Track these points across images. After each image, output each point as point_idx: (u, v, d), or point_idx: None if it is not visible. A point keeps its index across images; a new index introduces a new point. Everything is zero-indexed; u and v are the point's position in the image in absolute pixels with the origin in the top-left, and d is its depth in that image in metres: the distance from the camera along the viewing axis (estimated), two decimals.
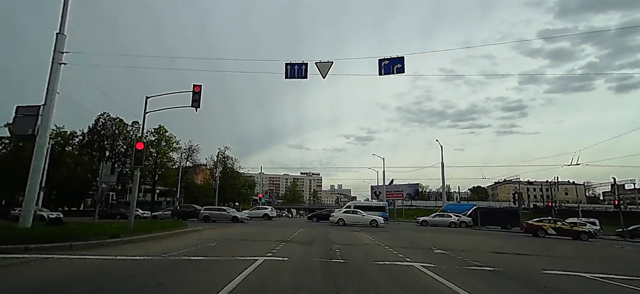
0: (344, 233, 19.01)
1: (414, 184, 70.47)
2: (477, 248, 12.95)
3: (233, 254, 8.48)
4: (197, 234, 14.51)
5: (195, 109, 13.56)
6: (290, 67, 12.52)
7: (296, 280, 5.81)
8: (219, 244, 10.97)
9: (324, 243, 12.51)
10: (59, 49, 13.03)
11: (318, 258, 8.33)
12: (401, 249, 11.12)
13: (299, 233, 17.71)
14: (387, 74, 12.05)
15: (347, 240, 13.95)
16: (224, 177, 65.99)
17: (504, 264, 8.81)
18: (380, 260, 8.31)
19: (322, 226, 25.00)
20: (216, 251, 9.28)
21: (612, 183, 77.94)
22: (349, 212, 28.61)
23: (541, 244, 17.86)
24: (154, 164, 53.40)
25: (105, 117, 53.98)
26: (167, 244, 10.68)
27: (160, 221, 17.17)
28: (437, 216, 34.73)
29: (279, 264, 7.41)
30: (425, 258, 9.24)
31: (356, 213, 27.85)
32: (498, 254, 11.07)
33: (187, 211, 31.25)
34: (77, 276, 5.85)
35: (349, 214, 27.68)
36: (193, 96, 13.52)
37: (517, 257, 10.85)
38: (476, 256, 10.01)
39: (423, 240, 15.70)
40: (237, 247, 10.65)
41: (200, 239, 12.37)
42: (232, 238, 13.50)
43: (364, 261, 8.19)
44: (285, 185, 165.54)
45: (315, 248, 10.90)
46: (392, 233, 20.28)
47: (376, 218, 26.71)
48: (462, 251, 11.17)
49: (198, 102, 13.53)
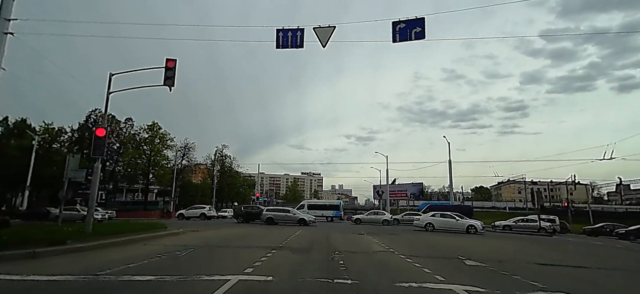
0: (347, 235, 16.67)
1: (418, 183, 67.97)
2: (508, 257, 10.56)
3: (198, 271, 6.13)
4: (172, 239, 12.20)
5: (169, 88, 11.24)
6: (282, 34, 10.18)
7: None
8: (189, 254, 8.63)
9: (325, 250, 10.16)
10: (5, 16, 10.76)
11: (315, 277, 5.97)
12: (421, 259, 8.76)
13: (296, 236, 15.38)
14: (403, 41, 9.69)
15: (353, 246, 11.60)
16: (222, 176, 63.75)
17: (581, 287, 6.47)
18: (404, 280, 5.93)
19: (323, 228, 22.62)
20: (178, 266, 6.95)
21: (618, 183, 75.79)
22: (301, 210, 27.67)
23: (572, 248, 15.50)
24: (148, 163, 51.09)
25: (97, 114, 51.75)
26: (123, 253, 8.36)
27: (135, 223, 14.77)
28: (371, 214, 34.03)
29: (256, 290, 5.08)
30: (462, 274, 6.88)
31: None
32: (551, 268, 8.66)
33: (252, 212, 28.79)
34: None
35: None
36: (166, 72, 11.16)
37: (580, 271, 8.47)
38: (527, 271, 7.62)
39: (441, 247, 13.34)
40: (211, 258, 8.30)
41: (171, 246, 10.04)
42: (213, 244, 11.17)
43: (382, 283, 5.84)
44: (286, 185, 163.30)
45: (313, 257, 8.55)
46: (401, 236, 17.90)
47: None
48: (498, 262, 8.79)
49: (172, 80, 11.19)
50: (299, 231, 18.55)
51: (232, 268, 6.62)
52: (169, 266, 6.93)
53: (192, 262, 7.49)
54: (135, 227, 13.06)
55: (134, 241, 10.85)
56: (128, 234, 11.59)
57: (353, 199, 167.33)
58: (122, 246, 9.84)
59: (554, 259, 10.41)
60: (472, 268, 7.76)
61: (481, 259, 9.24)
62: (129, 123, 53.65)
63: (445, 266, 7.85)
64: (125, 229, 12.07)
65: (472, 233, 21.75)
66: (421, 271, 6.92)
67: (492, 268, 7.83)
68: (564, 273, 8.02)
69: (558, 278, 7.16)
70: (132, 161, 50.95)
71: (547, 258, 10.60)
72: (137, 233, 11.94)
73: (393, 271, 7.12)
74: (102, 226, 12.11)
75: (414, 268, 7.43)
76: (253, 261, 7.36)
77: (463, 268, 7.76)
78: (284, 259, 8.17)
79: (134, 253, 8.41)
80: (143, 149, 51.41)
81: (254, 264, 6.93)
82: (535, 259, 10.09)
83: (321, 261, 8.02)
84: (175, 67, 11.16)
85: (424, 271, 6.97)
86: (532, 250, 13.52)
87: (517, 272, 7.26)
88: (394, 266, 7.72)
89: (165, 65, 11.15)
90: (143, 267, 6.57)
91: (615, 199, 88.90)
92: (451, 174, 41.60)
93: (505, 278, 6.65)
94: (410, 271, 7.09)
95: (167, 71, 11.16)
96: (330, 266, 7.15)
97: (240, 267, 6.58)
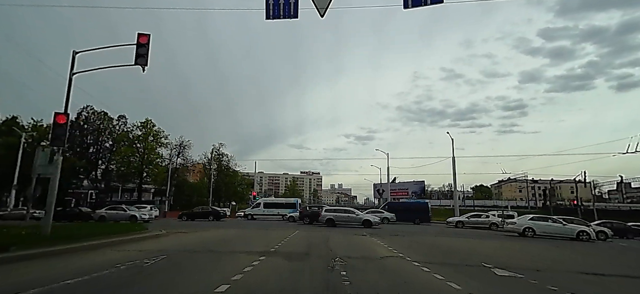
0: (349, 237, 15.12)
1: (420, 181, 66.37)
2: (543, 264, 9.04)
3: (156, 291, 4.59)
4: (149, 243, 10.63)
5: (142, 68, 9.67)
6: (273, 3, 8.62)
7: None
8: (159, 262, 7.08)
9: (324, 255, 8.62)
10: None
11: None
12: (440, 267, 7.23)
13: (292, 237, 13.86)
14: (415, 7, 8.14)
15: (356, 250, 10.07)
16: (220, 175, 62.12)
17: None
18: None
19: (320, 228, 21.05)
20: (134, 282, 5.41)
21: (619, 181, 74.39)
22: None
23: (589, 251, 14.01)
24: (141, 161, 49.45)
25: (89, 111, 50.17)
26: (76, 263, 6.84)
27: (109, 224, 13.17)
28: (341, 211, 32.62)
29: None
30: (500, 291, 5.34)
31: None
32: (601, 279, 7.15)
33: (318, 212, 27.07)
34: None
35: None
36: (138, 49, 9.56)
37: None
38: (576, 284, 6.10)
39: (456, 250, 11.84)
40: (183, 269, 6.74)
41: (143, 252, 8.48)
42: (194, 249, 9.60)
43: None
44: (285, 184, 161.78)
45: (309, 267, 7.02)
46: (407, 238, 16.38)
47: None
48: (536, 271, 7.26)
49: (145, 59, 9.60)
50: (294, 232, 16.99)
51: (203, 284, 5.10)
52: (124, 282, 5.38)
53: (156, 275, 5.94)
54: (107, 229, 11.49)
55: (100, 246, 9.30)
56: (96, 238, 10.04)
57: (353, 198, 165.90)
58: (82, 253, 8.28)
59: (594, 267, 8.90)
60: (508, 281, 6.23)
61: (510, 266, 7.70)
62: (123, 120, 52.11)
63: (473, 279, 6.31)
64: (94, 231, 10.49)
65: None
66: (447, 287, 5.38)
67: (533, 280, 6.29)
68: (624, 288, 6.51)
69: None
70: (125, 160, 49.28)
71: (587, 266, 9.10)
72: (108, 236, 10.38)
73: (411, 286, 5.59)
74: (65, 228, 10.56)
75: (436, 280, 5.90)
76: (234, 273, 5.82)
77: (495, 281, 6.23)
78: (272, 270, 6.63)
79: (90, 262, 6.87)
80: (136, 146, 49.79)
81: (232, 279, 5.39)
82: (574, 266, 8.58)
83: (319, 271, 6.49)
84: (149, 43, 9.58)
85: (450, 286, 5.43)
86: (564, 256, 11.98)
87: (567, 287, 5.73)
88: (408, 278, 6.18)
89: (136, 42, 9.58)
90: (88, 284, 5.04)
91: (616, 198, 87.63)
92: (455, 170, 40.10)
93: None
94: (432, 285, 5.56)
95: (139, 48, 9.56)
96: (329, 280, 5.61)
97: (213, 283, 5.04)
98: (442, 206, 74.37)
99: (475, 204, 72.43)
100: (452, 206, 69.93)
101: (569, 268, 8.35)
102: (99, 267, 6.28)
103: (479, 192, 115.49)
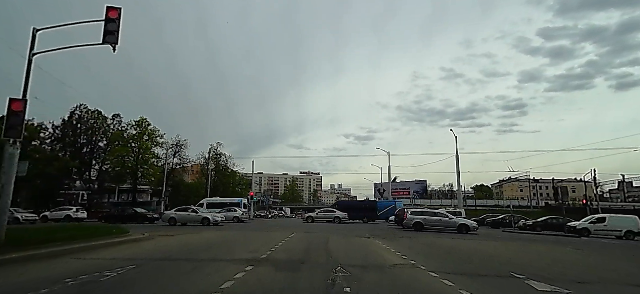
0: (350, 239, 13.90)
1: (422, 180, 65.06)
2: (582, 274, 7.79)
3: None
4: (123, 249, 9.36)
5: (112, 48, 8.39)
6: None
7: None
8: (123, 275, 5.80)
9: (322, 263, 7.36)
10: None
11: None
12: (462, 279, 5.98)
13: (289, 240, 12.60)
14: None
15: (359, 256, 8.83)
16: (217, 175, 60.82)
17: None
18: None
19: (320, 229, 19.78)
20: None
21: (620, 180, 73.23)
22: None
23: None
24: (136, 160, 48.11)
25: (82, 109, 48.77)
26: (19, 276, 5.57)
27: (88, 227, 11.86)
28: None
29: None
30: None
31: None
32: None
33: None
34: None
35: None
36: (106, 25, 8.26)
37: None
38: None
39: (475, 255, 10.58)
40: (147, 285, 5.46)
41: (110, 261, 7.22)
42: (172, 256, 8.33)
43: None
44: (285, 184, 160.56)
45: (305, 279, 5.75)
46: (412, 240, 15.14)
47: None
48: (577, 284, 6.01)
49: (115, 37, 8.31)
50: (292, 234, 15.73)
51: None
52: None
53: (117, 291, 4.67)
54: (75, 233, 10.19)
55: (66, 253, 8.03)
56: (65, 243, 8.78)
57: (352, 198, 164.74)
58: (37, 263, 7.01)
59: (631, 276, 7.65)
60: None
61: (546, 278, 6.43)
62: (117, 119, 50.77)
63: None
64: (60, 235, 9.20)
65: None
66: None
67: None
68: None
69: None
70: (120, 160, 47.93)
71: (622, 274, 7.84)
72: (76, 240, 9.12)
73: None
74: (26, 232, 9.29)
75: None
76: (210, 291, 4.56)
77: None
78: (259, 285, 5.36)
79: (35, 276, 5.61)
80: (131, 146, 48.46)
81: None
82: (622, 277, 7.31)
83: (316, 285, 5.22)
84: (120, 18, 8.29)
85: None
86: (603, 262, 10.74)
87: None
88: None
89: (105, 16, 8.29)
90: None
91: (617, 197, 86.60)
92: (459, 168, 38.84)
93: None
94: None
95: (107, 24, 8.25)
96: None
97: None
98: (443, 205, 73.29)
99: (477, 204, 71.24)
100: (453, 206, 68.99)
101: (615, 278, 7.08)
102: (50, 281, 5.01)
103: (479, 192, 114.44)
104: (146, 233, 13.08)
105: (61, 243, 8.75)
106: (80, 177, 47.86)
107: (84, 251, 8.55)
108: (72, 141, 47.48)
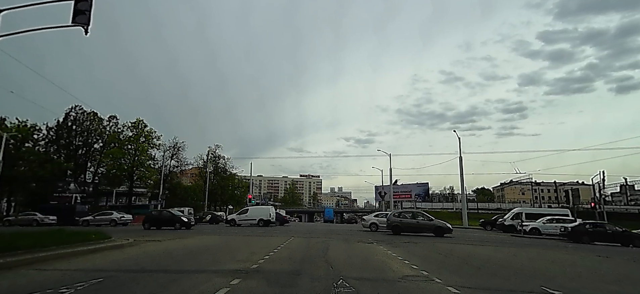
0: (353, 245, 12.87)
1: (424, 183, 63.90)
2: (608, 283, 6.76)
3: None
4: (96, 258, 8.32)
5: (83, 30, 7.42)
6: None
7: None
8: (86, 288, 4.78)
9: (321, 277, 6.31)
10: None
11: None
12: (479, 291, 4.94)
13: (284, 246, 11.56)
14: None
15: (363, 266, 7.80)
16: (216, 178, 59.74)
17: None
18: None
19: (319, 234, 18.70)
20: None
21: (622, 184, 71.96)
22: None
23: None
24: (132, 163, 47.06)
25: (77, 111, 47.79)
26: None
27: (68, 233, 10.77)
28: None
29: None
30: None
31: None
32: None
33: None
34: None
35: None
36: (76, 4, 7.26)
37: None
38: None
39: (492, 265, 9.55)
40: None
41: (74, 273, 6.20)
42: (145, 267, 7.29)
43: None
44: (284, 188, 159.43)
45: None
46: (418, 246, 14.10)
47: None
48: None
49: (86, 17, 7.34)
50: (289, 239, 14.69)
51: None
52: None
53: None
54: (62, 238, 9.19)
55: (27, 263, 6.99)
56: (34, 251, 7.75)
57: (353, 201, 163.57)
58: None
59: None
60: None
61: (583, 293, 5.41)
62: (113, 121, 49.83)
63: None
64: (23, 243, 8.16)
65: None
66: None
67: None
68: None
69: None
70: (116, 162, 46.89)
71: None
72: (46, 248, 8.07)
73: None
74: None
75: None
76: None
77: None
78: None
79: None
80: (127, 148, 47.43)
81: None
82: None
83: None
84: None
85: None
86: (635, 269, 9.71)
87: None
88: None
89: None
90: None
91: (619, 200, 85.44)
92: (462, 170, 37.75)
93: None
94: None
95: (77, 2, 7.31)
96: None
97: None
98: (445, 209, 72.00)
99: (478, 207, 70.02)
100: (454, 209, 67.72)
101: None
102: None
103: (481, 195, 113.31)
104: (131, 238, 12.03)
105: (35, 250, 7.74)
106: (75, 179, 46.84)
107: (53, 260, 7.55)
108: (67, 143, 46.54)
